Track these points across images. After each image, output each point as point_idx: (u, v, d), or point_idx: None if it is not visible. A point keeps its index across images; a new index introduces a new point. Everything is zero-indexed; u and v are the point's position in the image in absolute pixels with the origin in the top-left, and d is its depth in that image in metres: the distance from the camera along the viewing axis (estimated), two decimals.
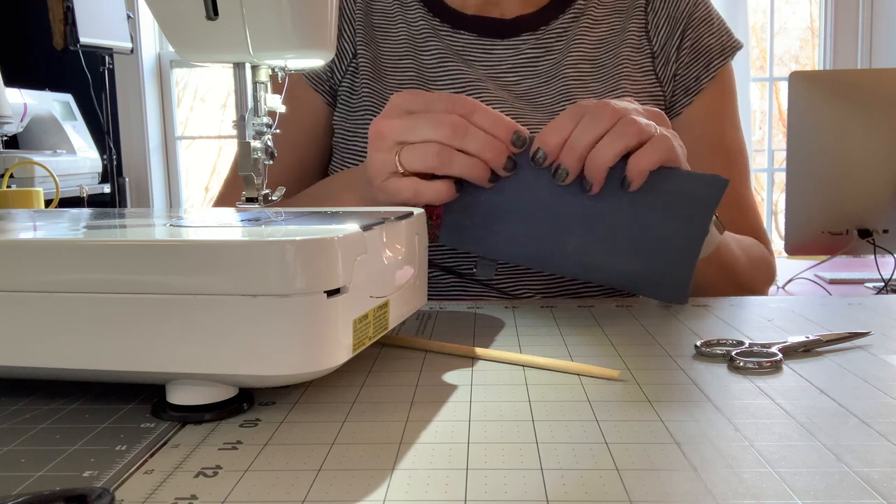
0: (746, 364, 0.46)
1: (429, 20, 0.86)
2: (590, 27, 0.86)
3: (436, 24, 0.86)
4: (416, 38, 0.86)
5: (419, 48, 0.86)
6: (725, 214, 0.85)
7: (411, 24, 0.87)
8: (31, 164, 2.05)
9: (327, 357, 0.39)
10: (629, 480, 0.31)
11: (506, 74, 0.85)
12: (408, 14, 0.87)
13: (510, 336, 0.55)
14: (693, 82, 0.86)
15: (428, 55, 0.85)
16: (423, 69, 0.85)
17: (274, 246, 0.37)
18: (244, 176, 0.51)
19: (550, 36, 0.86)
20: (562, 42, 0.86)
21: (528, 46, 0.85)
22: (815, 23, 2.90)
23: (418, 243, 0.53)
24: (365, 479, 0.32)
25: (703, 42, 0.86)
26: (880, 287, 1.32)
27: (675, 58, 0.86)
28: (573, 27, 0.86)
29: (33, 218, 0.58)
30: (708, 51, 0.86)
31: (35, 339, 0.39)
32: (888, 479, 0.31)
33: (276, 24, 0.47)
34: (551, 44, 0.86)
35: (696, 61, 0.86)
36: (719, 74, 0.86)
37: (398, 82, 0.85)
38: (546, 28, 0.86)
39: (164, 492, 0.31)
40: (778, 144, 2.91)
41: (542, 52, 0.85)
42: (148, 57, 2.90)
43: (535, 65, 0.85)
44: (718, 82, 0.87)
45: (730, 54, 0.87)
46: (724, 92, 0.88)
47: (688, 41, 0.86)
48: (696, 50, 0.86)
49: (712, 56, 0.86)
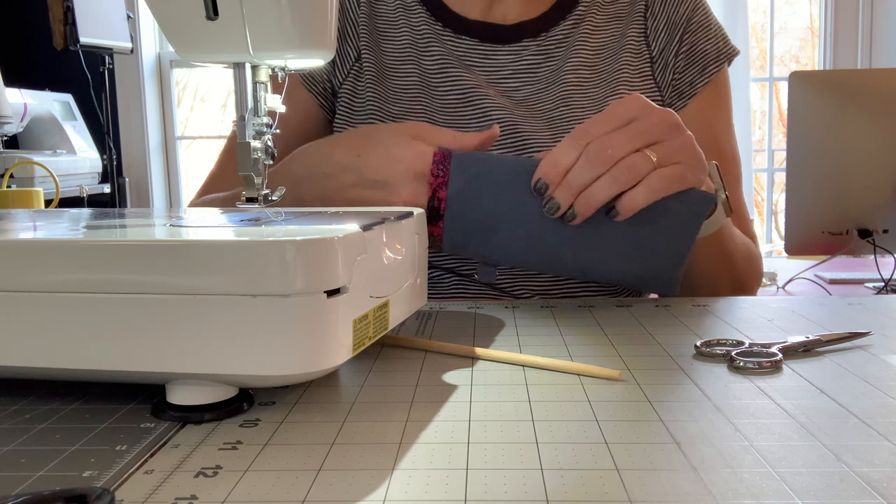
0: (746, 364, 0.46)
1: (431, 24, 0.86)
2: (590, 33, 0.87)
3: (438, 29, 0.86)
4: (418, 43, 0.86)
5: (422, 53, 0.86)
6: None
7: (414, 28, 0.87)
8: (31, 164, 2.05)
9: (327, 357, 0.39)
10: (629, 480, 0.31)
11: (506, 80, 0.85)
12: (411, 18, 0.87)
13: (510, 336, 0.55)
14: (687, 87, 0.86)
15: (430, 60, 0.85)
16: (426, 74, 0.85)
17: (274, 246, 0.37)
18: (244, 176, 0.51)
19: (551, 42, 0.86)
20: (562, 49, 0.86)
21: (529, 53, 0.86)
22: (815, 23, 2.90)
23: (418, 243, 0.53)
24: (365, 479, 0.32)
25: (699, 47, 0.86)
26: (880, 287, 1.32)
27: (673, 63, 0.86)
28: (574, 34, 0.87)
29: (33, 218, 0.58)
30: (704, 56, 0.86)
31: (35, 339, 0.39)
32: (888, 479, 0.31)
33: (276, 24, 0.47)
34: (551, 50, 0.86)
35: (692, 66, 0.86)
36: (714, 80, 0.86)
37: (401, 87, 0.85)
38: (547, 34, 0.86)
39: (164, 492, 0.31)
40: (778, 144, 2.91)
41: (543, 59, 0.85)
42: (148, 57, 2.90)
43: (535, 71, 0.85)
44: (713, 88, 0.87)
45: (725, 60, 0.87)
46: (718, 98, 0.88)
47: (685, 46, 0.86)
48: (692, 54, 0.86)
49: (707, 61, 0.86)
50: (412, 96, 0.84)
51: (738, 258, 0.78)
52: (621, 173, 0.58)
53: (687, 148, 0.61)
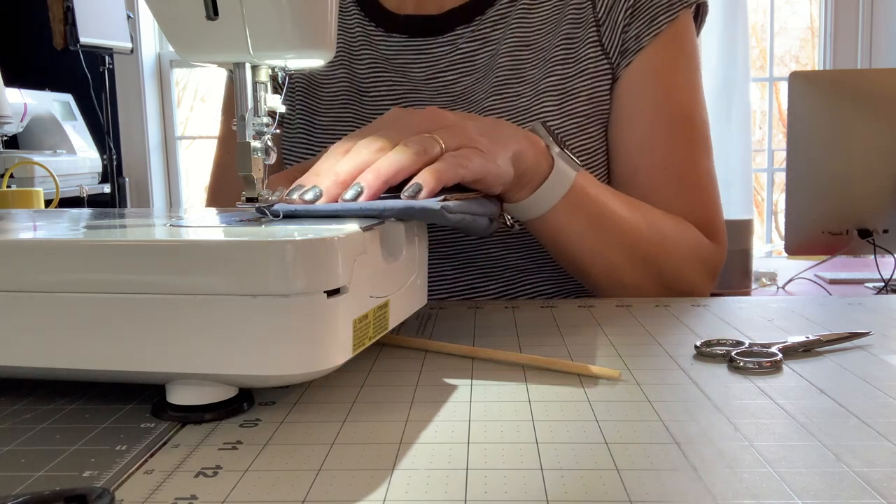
0: (746, 364, 0.46)
1: (364, 26, 0.83)
2: (528, 8, 0.79)
3: (371, 30, 0.82)
4: (351, 47, 0.82)
5: (354, 58, 0.82)
6: (664, 194, 0.75)
7: (347, 32, 0.83)
8: (31, 164, 2.05)
9: (327, 357, 0.39)
10: (629, 480, 0.31)
11: (443, 74, 0.80)
12: (344, 20, 0.83)
13: (510, 336, 0.55)
14: (633, 41, 0.76)
15: (361, 65, 0.81)
16: (357, 79, 0.81)
17: (274, 246, 0.37)
18: (244, 176, 0.51)
19: (486, 26, 0.79)
20: (498, 30, 0.79)
21: (464, 41, 0.79)
22: (815, 23, 2.90)
23: (418, 243, 0.53)
24: (365, 479, 0.32)
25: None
26: (880, 287, 1.33)
27: (622, 20, 0.76)
28: (510, 12, 0.79)
29: (33, 218, 0.58)
30: (652, 4, 0.76)
31: (35, 339, 0.39)
32: (888, 479, 0.31)
33: (276, 24, 0.47)
34: (487, 34, 0.79)
35: (639, 18, 0.76)
36: (669, 31, 0.76)
37: (331, 94, 0.81)
38: (482, 18, 0.79)
39: (164, 492, 0.31)
40: (778, 144, 2.91)
41: (479, 45, 0.79)
42: (148, 57, 2.90)
43: (473, 59, 0.79)
44: (668, 39, 0.76)
45: (681, 7, 0.76)
46: (675, 50, 0.77)
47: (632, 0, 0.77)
48: (639, 5, 0.76)
49: (657, 11, 0.76)
50: (342, 103, 0.81)
51: (631, 232, 0.69)
52: (407, 145, 0.52)
53: (459, 129, 0.55)
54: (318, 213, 0.49)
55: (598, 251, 0.68)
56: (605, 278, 0.70)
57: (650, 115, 0.77)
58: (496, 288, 0.80)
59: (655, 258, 0.71)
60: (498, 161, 0.56)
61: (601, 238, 0.68)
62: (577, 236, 0.67)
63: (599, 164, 0.80)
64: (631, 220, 0.69)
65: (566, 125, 0.78)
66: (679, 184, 0.77)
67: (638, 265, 0.70)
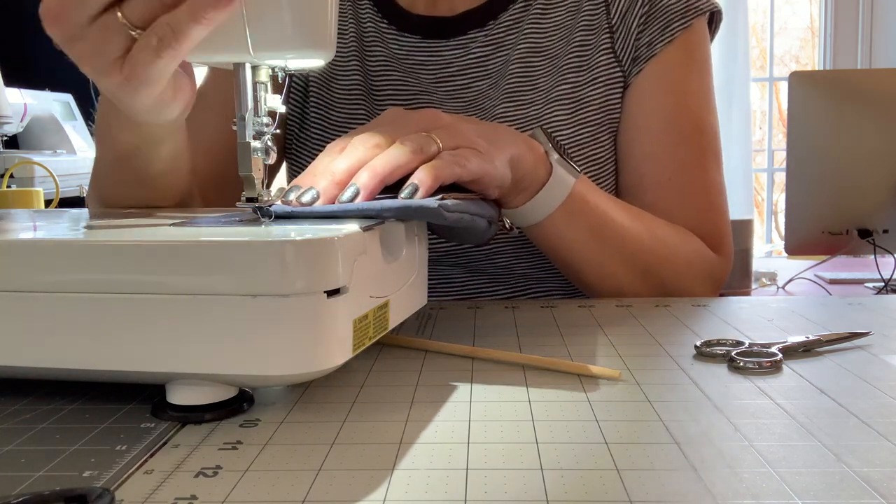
0: (746, 364, 0.46)
1: (376, 22, 0.82)
2: (542, 14, 0.78)
3: (383, 28, 0.81)
4: (364, 42, 0.81)
5: (367, 53, 0.81)
6: (669, 203, 0.75)
7: (362, 25, 0.82)
8: (31, 164, 2.05)
9: (327, 357, 0.39)
10: (629, 480, 0.31)
11: (454, 78, 0.79)
12: (360, 14, 0.82)
13: (510, 336, 0.55)
14: (645, 48, 0.75)
15: (373, 61, 0.81)
16: (368, 77, 0.80)
17: (274, 246, 0.37)
18: (244, 176, 0.51)
19: (499, 30, 0.78)
20: (512, 35, 0.78)
21: (477, 45, 0.79)
22: (815, 23, 2.90)
23: (418, 243, 0.53)
24: (365, 479, 0.32)
25: (663, 3, 0.75)
26: (880, 287, 1.33)
27: (635, 26, 0.76)
28: (524, 17, 0.78)
29: (33, 218, 0.58)
30: (667, 12, 0.75)
31: (35, 339, 0.39)
32: (888, 479, 0.31)
33: (276, 24, 0.47)
34: (500, 38, 0.78)
35: (652, 25, 0.75)
36: (682, 39, 0.75)
37: (345, 88, 0.81)
38: (495, 22, 0.78)
39: (164, 492, 0.31)
40: (778, 144, 2.91)
41: (492, 49, 0.78)
42: None
43: (485, 64, 0.78)
44: (681, 47, 0.75)
45: (695, 16, 0.75)
46: (687, 58, 0.76)
47: (647, 5, 0.76)
48: (653, 13, 0.75)
49: (671, 18, 0.75)
50: (356, 99, 0.81)
51: (633, 243, 0.68)
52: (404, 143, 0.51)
53: (457, 130, 0.55)
54: (316, 213, 0.49)
55: (598, 260, 0.68)
56: (605, 287, 0.70)
57: (659, 122, 0.76)
58: (504, 295, 0.79)
59: (656, 268, 0.70)
60: (496, 163, 0.56)
61: (601, 246, 0.67)
62: (576, 244, 0.67)
63: (609, 174, 0.79)
64: (632, 229, 0.69)
65: (578, 135, 0.77)
66: (685, 193, 0.76)
67: (638, 275, 0.70)
